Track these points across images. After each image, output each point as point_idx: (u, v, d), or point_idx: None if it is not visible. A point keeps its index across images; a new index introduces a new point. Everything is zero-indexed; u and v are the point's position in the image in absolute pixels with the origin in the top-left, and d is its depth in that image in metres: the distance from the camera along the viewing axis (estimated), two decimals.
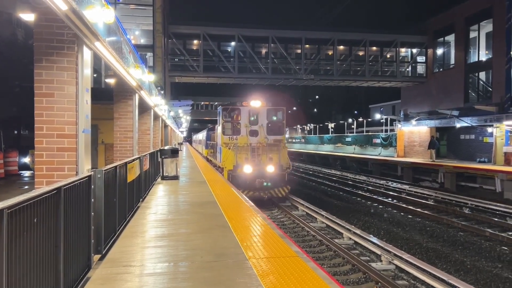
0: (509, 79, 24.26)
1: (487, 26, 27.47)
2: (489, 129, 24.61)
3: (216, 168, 20.91)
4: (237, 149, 17.68)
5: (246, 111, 18.80)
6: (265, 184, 17.28)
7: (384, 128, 47.01)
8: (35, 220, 3.08)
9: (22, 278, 2.90)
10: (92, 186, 4.99)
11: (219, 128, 19.80)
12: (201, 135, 44.26)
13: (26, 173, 21.08)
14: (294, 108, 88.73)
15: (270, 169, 17.56)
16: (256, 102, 18.81)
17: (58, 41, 5.47)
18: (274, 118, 19.32)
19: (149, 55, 26.89)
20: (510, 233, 13.28)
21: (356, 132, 52.08)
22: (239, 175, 17.31)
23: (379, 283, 8.65)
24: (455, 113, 26.92)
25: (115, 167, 6.46)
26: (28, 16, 5.30)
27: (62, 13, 4.66)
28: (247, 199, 10.35)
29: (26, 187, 15.64)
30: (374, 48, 33.14)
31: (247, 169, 17.34)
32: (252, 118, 18.83)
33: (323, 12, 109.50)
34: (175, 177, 14.75)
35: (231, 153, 17.56)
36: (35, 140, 5.56)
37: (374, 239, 11.63)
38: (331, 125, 59.25)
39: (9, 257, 2.69)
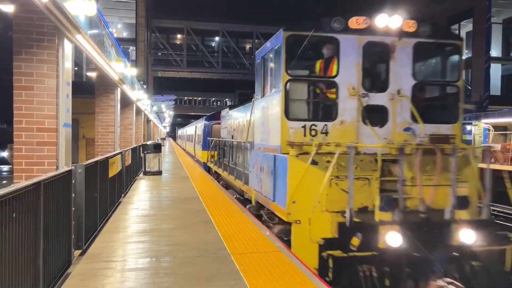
0: (487, 78, 24.84)
1: (467, 26, 27.99)
2: (468, 127, 25.14)
3: (247, 205, 8.54)
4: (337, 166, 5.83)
5: (354, 49, 6.62)
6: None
7: None
8: (14, 215, 3.04)
9: None
10: (73, 181, 4.92)
11: (270, 101, 7.26)
12: (191, 129, 29.48)
13: (4, 168, 20.69)
14: None
15: (466, 235, 5.59)
16: (388, 20, 6.55)
17: (38, 33, 5.39)
18: (434, 71, 7.97)
19: (131, 49, 26.63)
20: None
21: None
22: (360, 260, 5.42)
23: None
24: None
25: (96, 162, 6.39)
26: (7, 7, 5.19)
27: (42, 5, 4.58)
28: None
29: (5, 182, 15.35)
30: None
31: (391, 240, 5.31)
32: (369, 71, 6.98)
33: (306, 10, 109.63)
34: (158, 173, 14.64)
35: (326, 184, 5.70)
36: (14, 134, 5.47)
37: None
38: None
39: None
